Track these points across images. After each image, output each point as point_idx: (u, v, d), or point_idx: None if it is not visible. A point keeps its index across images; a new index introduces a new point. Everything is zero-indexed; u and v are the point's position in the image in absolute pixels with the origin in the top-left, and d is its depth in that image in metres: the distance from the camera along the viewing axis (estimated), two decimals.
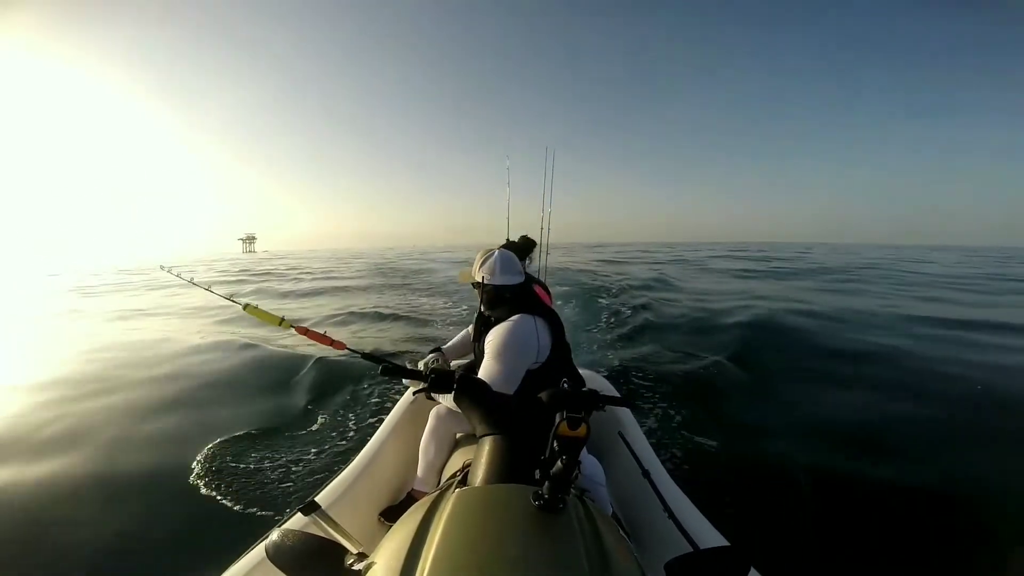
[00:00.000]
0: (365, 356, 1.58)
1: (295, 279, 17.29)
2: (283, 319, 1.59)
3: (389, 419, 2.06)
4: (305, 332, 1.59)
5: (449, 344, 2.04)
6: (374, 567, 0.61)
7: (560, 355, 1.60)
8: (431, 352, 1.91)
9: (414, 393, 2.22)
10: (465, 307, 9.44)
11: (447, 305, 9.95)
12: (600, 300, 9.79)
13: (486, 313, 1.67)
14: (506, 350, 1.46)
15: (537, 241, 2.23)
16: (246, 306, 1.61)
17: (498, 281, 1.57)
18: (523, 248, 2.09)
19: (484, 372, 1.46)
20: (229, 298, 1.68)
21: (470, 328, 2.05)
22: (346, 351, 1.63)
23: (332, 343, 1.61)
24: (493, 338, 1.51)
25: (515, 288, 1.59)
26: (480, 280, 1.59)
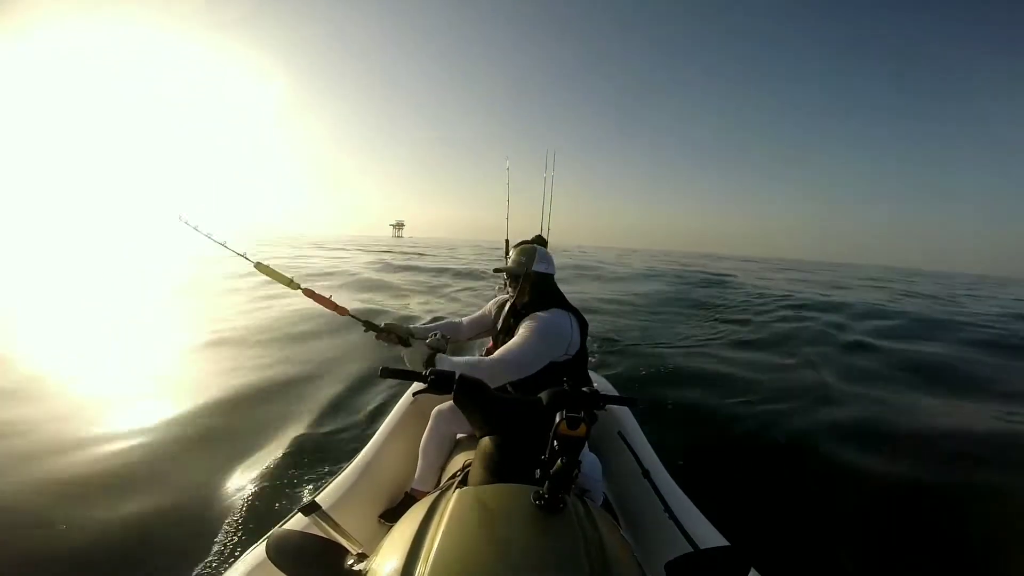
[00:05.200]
0: (365, 323, 1.61)
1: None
2: (292, 279, 1.60)
3: (389, 419, 2.06)
4: (311, 294, 1.61)
5: (468, 319, 2.01)
6: (374, 567, 0.60)
7: (583, 355, 1.65)
8: (431, 322, 1.89)
9: (414, 394, 2.22)
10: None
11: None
12: None
13: (519, 305, 1.70)
14: (541, 336, 1.49)
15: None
16: (257, 264, 1.64)
17: (552, 270, 1.70)
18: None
19: (510, 346, 1.48)
20: (243, 255, 1.69)
21: (488, 306, 2.03)
22: (348, 315, 1.64)
23: (336, 308, 1.62)
24: (532, 321, 1.55)
25: (553, 279, 1.73)
26: (527, 270, 1.66)
